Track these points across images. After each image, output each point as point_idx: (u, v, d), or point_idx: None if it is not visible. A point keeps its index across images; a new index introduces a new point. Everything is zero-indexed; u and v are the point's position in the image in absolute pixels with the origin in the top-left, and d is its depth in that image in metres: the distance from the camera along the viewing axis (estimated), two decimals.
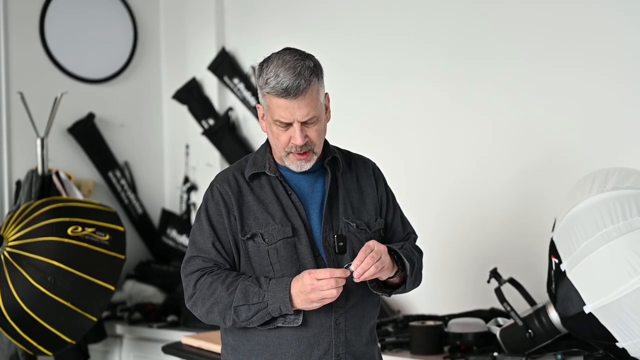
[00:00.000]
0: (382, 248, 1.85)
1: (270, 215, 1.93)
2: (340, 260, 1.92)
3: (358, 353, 1.96)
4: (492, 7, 3.07)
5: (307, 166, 1.93)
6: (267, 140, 2.02)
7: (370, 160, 2.13)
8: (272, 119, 1.89)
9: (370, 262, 1.80)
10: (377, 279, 1.91)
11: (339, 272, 1.78)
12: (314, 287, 1.76)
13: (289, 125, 1.87)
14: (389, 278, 1.93)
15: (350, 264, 1.81)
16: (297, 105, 1.84)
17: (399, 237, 2.09)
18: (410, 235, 2.13)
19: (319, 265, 1.91)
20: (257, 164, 1.99)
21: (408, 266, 1.93)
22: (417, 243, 2.13)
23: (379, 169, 2.13)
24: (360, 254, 1.81)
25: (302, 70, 1.84)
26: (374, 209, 2.04)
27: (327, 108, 1.97)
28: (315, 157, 1.94)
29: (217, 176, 2.03)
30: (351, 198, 2.01)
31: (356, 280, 1.81)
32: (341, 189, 2.00)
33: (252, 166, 1.99)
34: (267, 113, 1.91)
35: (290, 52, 1.89)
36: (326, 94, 1.96)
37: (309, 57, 1.90)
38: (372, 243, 1.84)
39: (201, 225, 1.96)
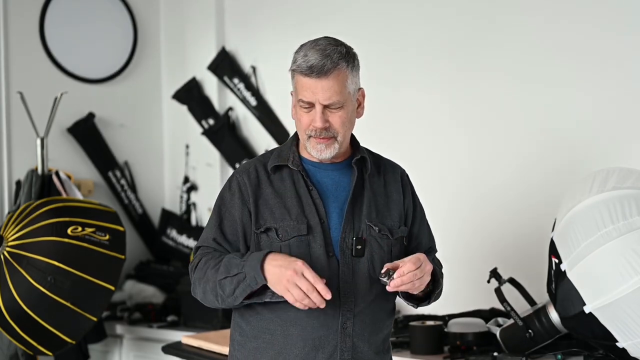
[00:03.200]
0: (429, 268, 1.80)
1: (287, 210, 1.88)
2: (355, 264, 1.87)
3: None
4: (496, 3, 3.08)
5: (327, 153, 1.87)
6: (296, 133, 1.98)
7: (400, 167, 2.07)
8: (297, 99, 1.86)
9: (412, 278, 1.75)
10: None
11: (321, 287, 1.68)
12: (294, 276, 1.69)
13: (311, 106, 1.84)
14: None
15: (391, 270, 1.76)
16: (320, 85, 1.81)
17: (423, 249, 2.03)
18: (432, 249, 2.09)
19: (331, 266, 1.86)
20: (281, 156, 1.95)
21: (440, 287, 1.93)
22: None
23: (408, 176, 2.07)
24: (410, 265, 1.75)
25: (331, 53, 1.81)
26: (399, 216, 1.98)
27: (360, 104, 1.94)
28: (337, 146, 1.88)
29: (239, 167, 2.01)
30: (377, 201, 1.95)
31: (390, 289, 1.76)
32: (367, 190, 1.94)
33: (276, 158, 1.95)
34: (295, 94, 1.89)
35: (326, 38, 1.87)
36: (361, 89, 1.93)
37: (345, 45, 1.87)
38: (423, 258, 1.79)
39: (211, 217, 1.95)
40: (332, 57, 1.81)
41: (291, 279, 1.70)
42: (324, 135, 1.85)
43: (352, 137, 1.98)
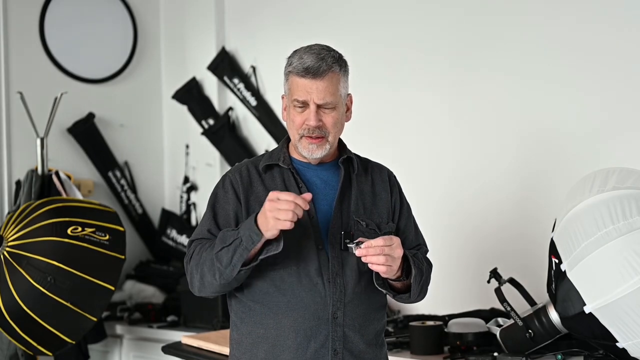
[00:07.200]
0: (400, 252, 1.84)
1: None
2: (344, 257, 1.92)
3: (357, 351, 1.95)
4: (494, 3, 3.08)
5: (318, 153, 1.95)
6: (286, 137, 2.06)
7: (388, 168, 2.15)
8: (291, 99, 1.94)
9: (378, 251, 1.79)
10: (383, 277, 1.91)
11: (300, 200, 1.76)
12: (273, 204, 1.75)
13: (305, 106, 1.92)
14: (392, 280, 1.93)
15: (363, 241, 1.81)
16: (315, 86, 1.90)
17: (410, 244, 2.08)
18: (422, 247, 2.13)
19: (321, 258, 1.92)
20: (272, 156, 2.03)
21: (413, 275, 1.92)
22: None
23: (395, 177, 2.14)
24: (380, 240, 1.80)
25: (325, 56, 1.92)
26: (386, 213, 2.04)
27: (348, 108, 2.02)
28: (328, 147, 1.96)
29: (232, 167, 2.08)
30: (364, 199, 2.02)
31: (356, 253, 1.81)
32: (355, 188, 2.02)
33: (267, 158, 2.03)
34: (288, 96, 1.97)
35: (318, 45, 1.97)
36: (349, 94, 2.01)
37: (337, 51, 1.97)
38: (397, 241, 1.83)
39: (205, 213, 2.02)
40: (327, 61, 1.91)
41: (273, 210, 1.75)
42: (316, 133, 1.93)
43: (340, 140, 2.05)
